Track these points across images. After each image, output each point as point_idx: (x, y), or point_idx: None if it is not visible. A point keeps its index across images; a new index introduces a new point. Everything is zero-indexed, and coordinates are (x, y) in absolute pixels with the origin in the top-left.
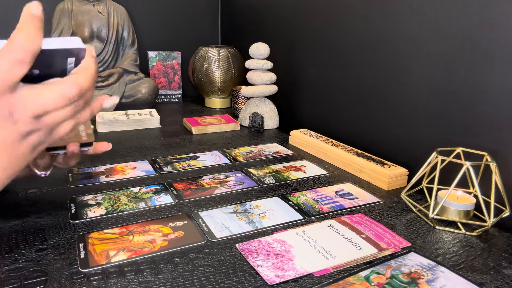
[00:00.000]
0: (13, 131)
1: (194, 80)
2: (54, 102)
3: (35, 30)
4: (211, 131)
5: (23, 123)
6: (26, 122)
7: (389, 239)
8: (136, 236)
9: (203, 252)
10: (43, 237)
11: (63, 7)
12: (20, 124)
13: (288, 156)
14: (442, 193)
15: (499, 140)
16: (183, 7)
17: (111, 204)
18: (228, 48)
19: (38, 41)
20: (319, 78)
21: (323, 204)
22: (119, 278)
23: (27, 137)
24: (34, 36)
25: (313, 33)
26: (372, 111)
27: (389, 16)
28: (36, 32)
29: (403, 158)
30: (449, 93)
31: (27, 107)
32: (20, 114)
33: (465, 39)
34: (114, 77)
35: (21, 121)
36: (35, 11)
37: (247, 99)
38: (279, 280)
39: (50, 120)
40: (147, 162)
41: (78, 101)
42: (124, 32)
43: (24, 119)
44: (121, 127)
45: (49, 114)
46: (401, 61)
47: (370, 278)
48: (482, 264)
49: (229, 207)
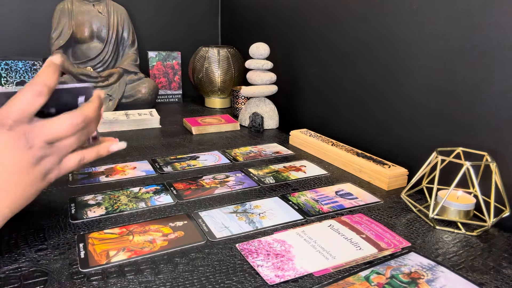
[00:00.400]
0: (28, 155)
1: (194, 80)
2: (64, 128)
3: (54, 72)
4: (211, 131)
5: (37, 147)
6: (40, 147)
7: (389, 239)
8: (136, 236)
9: (203, 252)
10: (43, 237)
11: (63, 7)
12: (34, 148)
13: (288, 156)
14: (442, 193)
15: (499, 140)
16: (183, 7)
17: (111, 204)
18: (228, 48)
19: (55, 78)
20: (319, 78)
21: (323, 204)
22: (119, 278)
23: (40, 162)
24: (53, 75)
25: (313, 33)
26: (372, 111)
27: (389, 16)
28: (55, 73)
29: (403, 158)
30: (449, 93)
31: (41, 134)
32: (35, 140)
33: (465, 39)
34: (114, 77)
35: (35, 146)
36: (55, 60)
37: (247, 99)
38: (279, 280)
39: (60, 146)
40: (147, 162)
41: (83, 130)
42: (124, 32)
43: (38, 144)
44: (121, 127)
45: (60, 141)
46: (401, 61)
47: (370, 278)
48: (482, 264)
49: (229, 207)
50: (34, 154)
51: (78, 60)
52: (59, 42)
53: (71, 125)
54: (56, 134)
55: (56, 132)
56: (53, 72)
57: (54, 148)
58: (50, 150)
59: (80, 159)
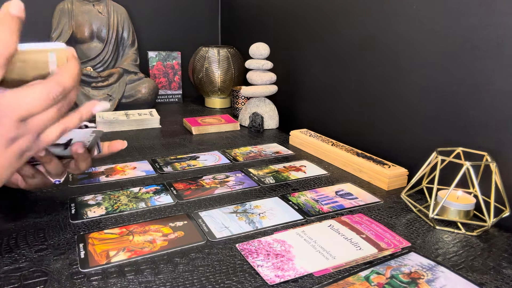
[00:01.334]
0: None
1: (194, 80)
2: (39, 102)
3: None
4: (211, 131)
5: (9, 127)
6: (12, 127)
7: (389, 239)
8: (136, 236)
9: (203, 252)
10: (43, 237)
11: (63, 7)
12: (5, 128)
13: (288, 156)
14: (442, 193)
15: (499, 140)
16: (183, 7)
17: (111, 204)
18: (228, 48)
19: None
20: (319, 78)
21: (323, 204)
22: (119, 278)
23: (13, 143)
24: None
25: (313, 33)
26: (372, 111)
27: (389, 16)
28: (12, 36)
29: (403, 158)
30: (449, 93)
31: (12, 110)
32: (5, 119)
33: (465, 39)
34: (114, 77)
35: (6, 125)
36: (14, 10)
37: (247, 99)
38: (279, 280)
39: (36, 123)
40: (147, 162)
41: (62, 101)
42: (124, 32)
43: (9, 123)
44: (121, 127)
45: (34, 117)
46: (401, 61)
47: (370, 278)
48: (482, 264)
49: (229, 207)
50: (4, 135)
51: None
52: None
53: (47, 98)
54: (29, 110)
55: (29, 108)
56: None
57: (28, 126)
58: (24, 129)
59: (62, 130)
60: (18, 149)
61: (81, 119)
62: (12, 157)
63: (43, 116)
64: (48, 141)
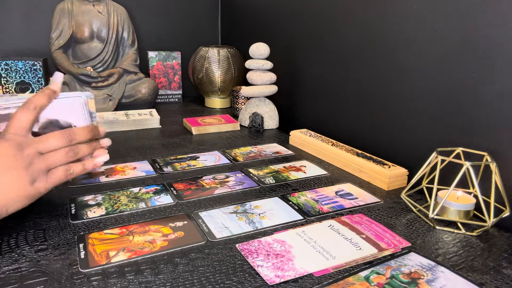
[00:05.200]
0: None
1: (194, 80)
2: (54, 141)
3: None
4: (211, 131)
5: (28, 153)
6: (31, 153)
7: (389, 239)
8: (136, 236)
9: (203, 252)
10: (43, 237)
11: (63, 7)
12: (25, 154)
13: (288, 156)
14: (442, 193)
15: (499, 140)
16: (183, 7)
17: (111, 205)
18: (228, 48)
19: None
20: (319, 78)
21: (323, 204)
22: (119, 279)
23: (29, 167)
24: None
25: (313, 33)
26: (371, 111)
27: (389, 15)
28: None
29: (403, 158)
30: (449, 93)
31: (34, 144)
32: (28, 148)
33: (465, 39)
34: (114, 77)
35: (27, 152)
36: (54, 87)
37: (247, 99)
38: (279, 280)
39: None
40: (147, 162)
41: (74, 148)
42: (124, 32)
43: (30, 151)
44: (121, 127)
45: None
46: (401, 61)
47: (370, 278)
48: (482, 264)
49: (229, 207)
50: (25, 158)
51: (78, 60)
52: (59, 42)
53: (61, 138)
54: (46, 145)
55: (47, 144)
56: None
57: (43, 157)
58: (40, 158)
59: (66, 169)
60: (32, 173)
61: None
62: (27, 179)
63: (56, 153)
64: (56, 178)
